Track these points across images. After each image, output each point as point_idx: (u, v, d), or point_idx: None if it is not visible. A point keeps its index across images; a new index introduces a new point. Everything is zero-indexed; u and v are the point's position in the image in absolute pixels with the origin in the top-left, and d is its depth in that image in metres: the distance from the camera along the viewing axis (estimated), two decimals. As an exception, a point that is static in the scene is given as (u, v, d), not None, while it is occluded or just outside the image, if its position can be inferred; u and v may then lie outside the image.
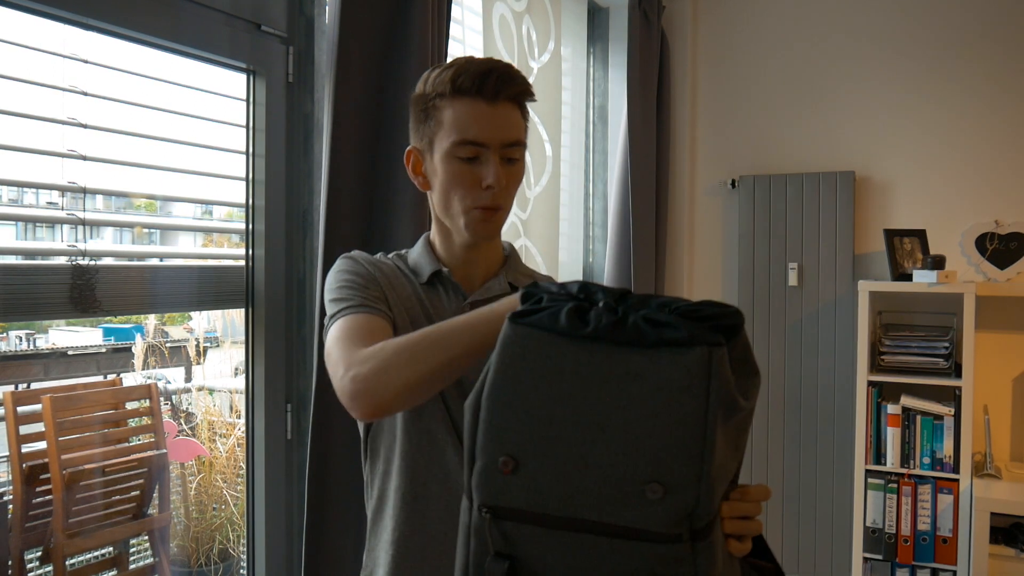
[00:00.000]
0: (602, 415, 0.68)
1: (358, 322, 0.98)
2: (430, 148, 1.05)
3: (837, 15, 2.94)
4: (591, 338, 0.69)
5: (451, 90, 1.00)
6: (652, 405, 0.67)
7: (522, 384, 0.71)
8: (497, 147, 1.01)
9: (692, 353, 0.66)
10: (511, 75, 1.02)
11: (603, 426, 0.68)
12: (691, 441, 0.66)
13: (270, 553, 1.58)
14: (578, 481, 0.69)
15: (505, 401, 0.72)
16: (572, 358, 0.70)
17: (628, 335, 0.68)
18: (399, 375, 0.88)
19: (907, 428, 2.53)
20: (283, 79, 1.58)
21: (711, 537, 0.69)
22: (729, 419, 0.70)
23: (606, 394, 0.68)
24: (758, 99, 3.07)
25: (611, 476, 0.68)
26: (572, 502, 0.69)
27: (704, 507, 0.67)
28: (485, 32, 2.16)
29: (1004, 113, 2.71)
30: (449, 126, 1.01)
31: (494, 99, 1.00)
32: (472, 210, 1.03)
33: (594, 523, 0.69)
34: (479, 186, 1.01)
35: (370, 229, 1.54)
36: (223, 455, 2.59)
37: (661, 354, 0.67)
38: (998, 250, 2.68)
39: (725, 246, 3.13)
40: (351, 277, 1.05)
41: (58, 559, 1.75)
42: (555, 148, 2.54)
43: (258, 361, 1.57)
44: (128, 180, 1.38)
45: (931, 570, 2.50)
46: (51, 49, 1.20)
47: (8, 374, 2.27)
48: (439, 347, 0.89)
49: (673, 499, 0.67)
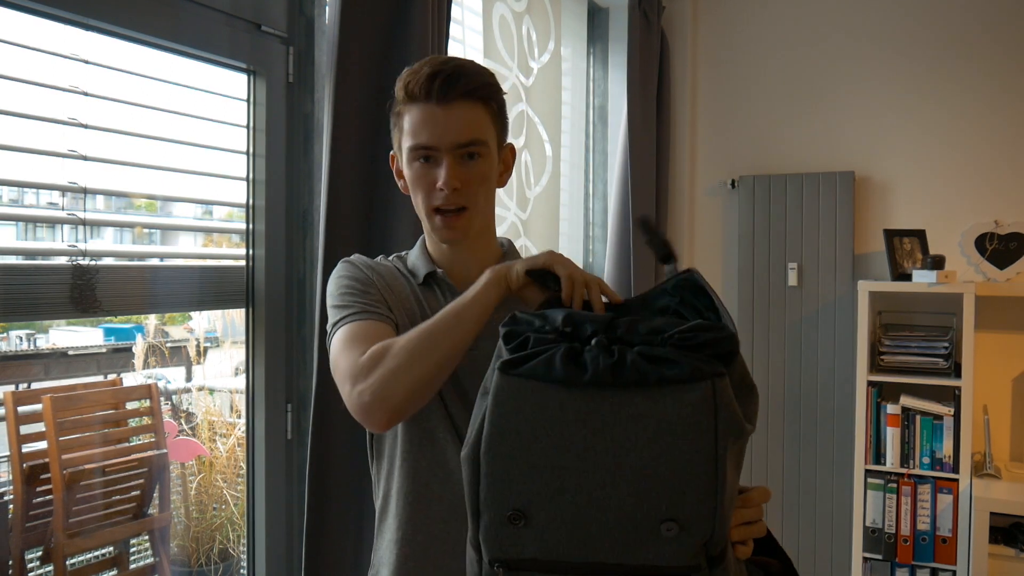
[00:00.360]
0: (610, 460, 0.67)
1: (361, 329, 0.99)
2: (400, 152, 1.08)
3: (837, 15, 2.94)
4: (591, 384, 0.68)
5: (404, 96, 1.04)
6: (660, 445, 0.66)
7: (522, 436, 0.70)
8: (448, 149, 1.02)
9: (696, 390, 0.66)
10: (461, 74, 1.01)
11: (612, 470, 0.67)
12: (703, 477, 0.66)
13: (270, 553, 1.58)
14: (592, 526, 0.69)
15: (505, 454, 0.70)
16: (573, 407, 0.68)
17: (629, 377, 0.67)
18: (403, 380, 0.91)
19: (907, 428, 2.53)
20: (283, 79, 1.58)
21: (725, 561, 0.70)
22: (735, 445, 0.69)
23: (612, 439, 0.67)
24: (758, 99, 3.08)
25: (625, 519, 0.68)
26: (587, 547, 0.69)
27: (719, 536, 0.68)
28: (485, 32, 2.16)
29: (1004, 113, 2.71)
30: (406, 132, 1.04)
31: (444, 101, 1.01)
32: (433, 213, 1.06)
33: (612, 565, 0.69)
34: (435, 188, 1.03)
35: (370, 229, 1.54)
36: (223, 455, 2.59)
37: (664, 393, 0.66)
38: (998, 250, 2.68)
39: (725, 246, 3.13)
40: (351, 283, 1.06)
41: (58, 559, 1.75)
42: (555, 148, 2.54)
43: (258, 361, 1.57)
44: (128, 180, 1.38)
45: (931, 570, 2.50)
46: (51, 49, 1.20)
47: (8, 374, 2.27)
48: (433, 342, 0.92)
49: (689, 534, 0.67)
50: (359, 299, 1.03)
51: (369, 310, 1.02)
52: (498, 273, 0.97)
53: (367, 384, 0.92)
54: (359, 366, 0.93)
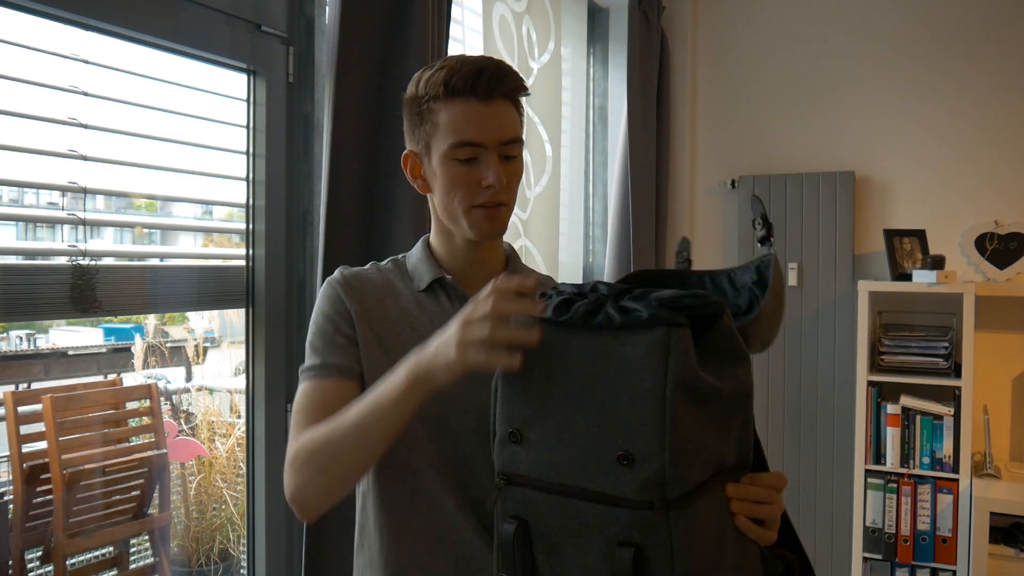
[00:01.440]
0: (580, 391, 0.77)
1: (317, 393, 1.01)
2: (427, 151, 1.03)
3: (837, 15, 2.94)
4: (569, 324, 0.79)
5: (444, 92, 0.99)
6: (618, 381, 0.75)
7: (523, 365, 0.81)
8: (495, 146, 1.00)
9: (652, 334, 0.74)
10: (504, 72, 1.01)
11: (581, 401, 0.77)
12: (652, 414, 0.73)
13: (270, 553, 1.58)
14: (566, 450, 0.78)
15: (510, 380, 0.82)
16: (556, 341, 0.79)
17: (600, 322, 0.76)
18: (312, 488, 0.94)
19: (907, 428, 2.53)
20: (283, 79, 1.58)
21: (690, 509, 0.75)
22: (700, 399, 0.75)
23: (582, 373, 0.77)
24: (758, 99, 3.08)
25: (589, 446, 0.76)
26: (561, 469, 0.78)
27: (674, 478, 0.73)
28: (485, 32, 2.16)
29: (1004, 113, 2.71)
30: (445, 128, 1.00)
31: (488, 98, 0.99)
32: (474, 209, 1.03)
33: (579, 489, 0.77)
34: (479, 186, 1.01)
35: (370, 229, 1.54)
36: (223, 455, 2.59)
37: (626, 335, 0.75)
38: (998, 250, 2.68)
39: (725, 246, 3.13)
40: (323, 324, 1.05)
41: (58, 559, 1.75)
42: (555, 148, 2.54)
43: (258, 361, 1.57)
44: (128, 180, 1.38)
45: (931, 570, 2.50)
46: (52, 49, 1.20)
47: (8, 374, 2.28)
48: (343, 450, 0.92)
49: (641, 468, 0.74)
50: (324, 349, 1.03)
51: (329, 364, 1.02)
52: (419, 372, 0.87)
53: (287, 484, 0.95)
54: (288, 460, 0.96)
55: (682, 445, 0.73)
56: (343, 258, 1.46)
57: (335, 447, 0.91)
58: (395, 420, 0.89)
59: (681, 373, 0.73)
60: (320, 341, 1.04)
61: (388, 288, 1.09)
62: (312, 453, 0.93)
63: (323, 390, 1.01)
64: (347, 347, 1.03)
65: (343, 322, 1.04)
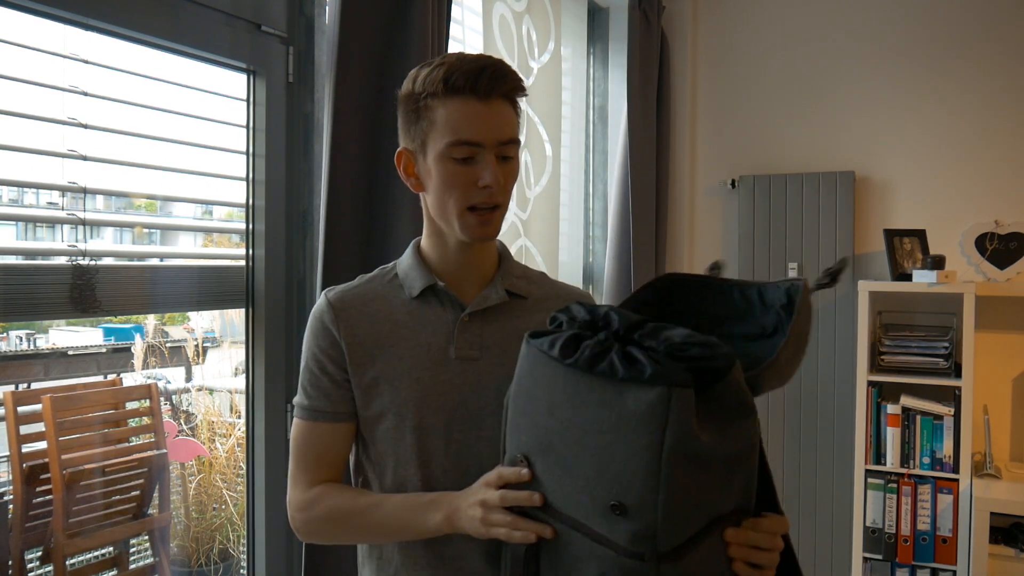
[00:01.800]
0: (580, 433, 0.78)
1: (312, 437, 1.07)
2: (423, 149, 1.02)
3: (837, 15, 2.94)
4: (574, 366, 0.79)
5: (443, 89, 0.97)
6: (617, 434, 0.75)
7: (531, 395, 0.83)
8: (492, 146, 0.99)
9: (653, 392, 0.73)
10: (504, 72, 0.99)
11: (581, 443, 0.78)
12: (647, 471, 0.73)
13: (270, 553, 1.58)
14: (567, 486, 0.80)
15: (520, 407, 0.85)
16: (561, 380, 0.80)
17: (603, 369, 0.76)
18: (326, 541, 1.12)
19: (907, 428, 2.53)
20: (283, 79, 1.58)
21: (681, 562, 0.75)
22: (699, 462, 0.74)
23: (583, 416, 0.78)
24: (758, 99, 3.07)
25: (587, 487, 0.77)
26: (565, 501, 0.80)
27: (666, 533, 0.73)
28: (485, 32, 2.16)
29: (1004, 113, 2.71)
30: (443, 126, 0.98)
31: (487, 97, 0.98)
32: (467, 212, 1.00)
33: (580, 523, 0.79)
34: (475, 186, 0.99)
35: (370, 229, 1.54)
36: (223, 455, 2.59)
37: (627, 388, 0.75)
38: (998, 250, 2.68)
39: (725, 246, 3.13)
40: (311, 363, 1.08)
41: (58, 559, 1.75)
42: (555, 148, 2.54)
43: (258, 361, 1.57)
44: (128, 180, 1.38)
45: (931, 570, 2.50)
46: (51, 49, 1.20)
47: (8, 374, 2.28)
48: (364, 531, 1.04)
49: (633, 520, 0.74)
50: (315, 387, 1.07)
51: (321, 409, 1.06)
52: (453, 516, 0.95)
53: (299, 524, 1.07)
54: (299, 507, 1.06)
55: (676, 504, 0.74)
56: (343, 258, 1.46)
57: (355, 529, 1.04)
58: (417, 537, 1.01)
59: (679, 438, 0.72)
60: (309, 383, 1.08)
61: (377, 301, 1.08)
62: (332, 522, 1.04)
63: (316, 434, 1.07)
64: (334, 390, 1.06)
65: (329, 362, 1.06)
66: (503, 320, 1.07)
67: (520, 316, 1.08)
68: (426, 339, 1.05)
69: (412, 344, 1.04)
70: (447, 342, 1.04)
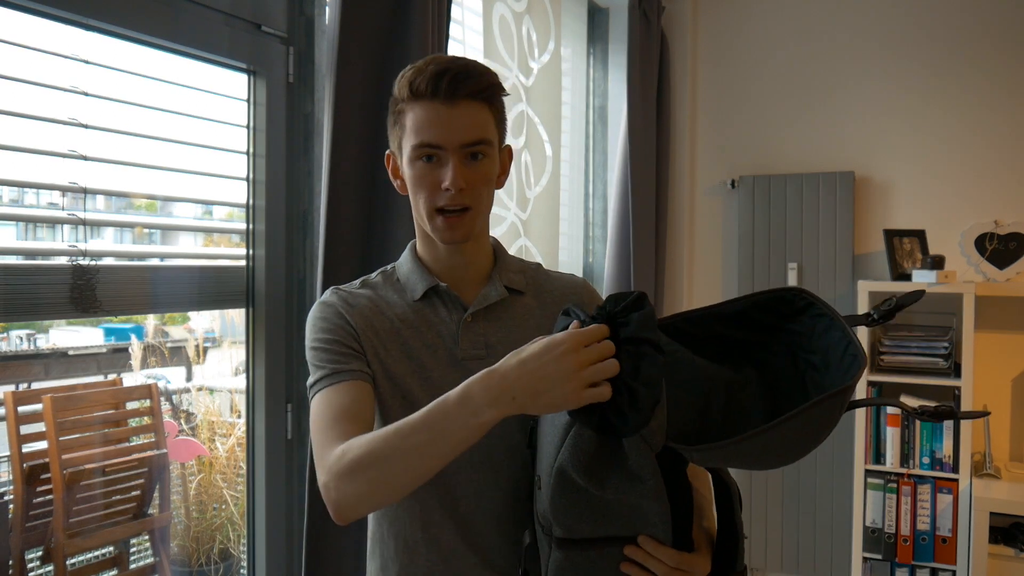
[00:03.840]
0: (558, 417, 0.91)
1: (335, 398, 0.96)
2: (400, 151, 1.05)
3: (837, 15, 2.94)
4: None
5: (408, 93, 1.00)
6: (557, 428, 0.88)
7: None
8: (454, 148, 0.99)
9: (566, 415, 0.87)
10: (468, 73, 0.99)
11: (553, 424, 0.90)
12: (548, 469, 0.89)
13: (270, 553, 1.58)
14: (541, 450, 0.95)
15: (542, 429, 0.94)
16: None
17: None
18: (364, 495, 0.86)
19: (907, 428, 2.53)
20: (283, 79, 1.58)
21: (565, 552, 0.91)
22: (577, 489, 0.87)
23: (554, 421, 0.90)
24: (758, 99, 3.08)
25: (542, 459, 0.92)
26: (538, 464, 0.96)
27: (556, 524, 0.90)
28: (485, 32, 2.16)
29: (1004, 113, 2.71)
30: (410, 130, 1.01)
31: (450, 99, 0.98)
32: (435, 214, 1.02)
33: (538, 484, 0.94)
34: (440, 188, 1.00)
35: (370, 229, 1.54)
36: (223, 455, 2.59)
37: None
38: (997, 250, 2.68)
39: (725, 246, 3.13)
40: (325, 335, 1.03)
41: (59, 559, 1.75)
42: (555, 148, 2.54)
43: (258, 361, 1.57)
44: (129, 180, 1.38)
45: (930, 570, 2.50)
46: (52, 49, 1.20)
47: (9, 374, 2.28)
48: (405, 459, 0.84)
49: (542, 496, 0.91)
50: (332, 356, 1.01)
51: (342, 370, 0.99)
52: (506, 404, 0.80)
53: (335, 490, 0.87)
54: (329, 467, 0.88)
55: (556, 508, 0.88)
56: (343, 258, 1.46)
57: (397, 455, 0.84)
58: (466, 444, 0.83)
59: (563, 460, 0.85)
60: (327, 353, 1.01)
61: (380, 303, 1.08)
62: (370, 457, 0.85)
63: (338, 393, 0.97)
64: (352, 357, 1.02)
65: (347, 336, 1.03)
66: (505, 317, 1.09)
67: (521, 311, 1.10)
68: (432, 340, 1.06)
69: (420, 344, 1.05)
70: (453, 343, 1.06)
